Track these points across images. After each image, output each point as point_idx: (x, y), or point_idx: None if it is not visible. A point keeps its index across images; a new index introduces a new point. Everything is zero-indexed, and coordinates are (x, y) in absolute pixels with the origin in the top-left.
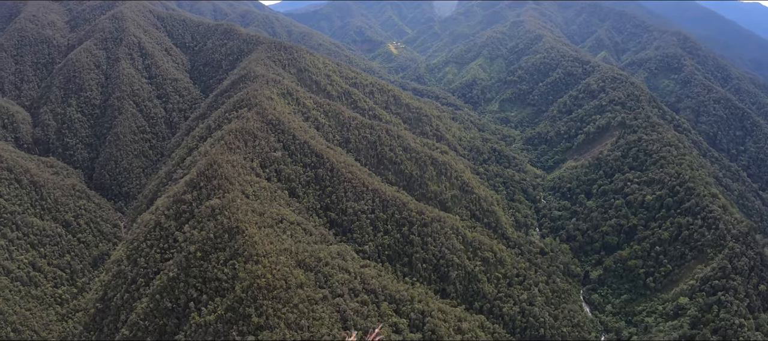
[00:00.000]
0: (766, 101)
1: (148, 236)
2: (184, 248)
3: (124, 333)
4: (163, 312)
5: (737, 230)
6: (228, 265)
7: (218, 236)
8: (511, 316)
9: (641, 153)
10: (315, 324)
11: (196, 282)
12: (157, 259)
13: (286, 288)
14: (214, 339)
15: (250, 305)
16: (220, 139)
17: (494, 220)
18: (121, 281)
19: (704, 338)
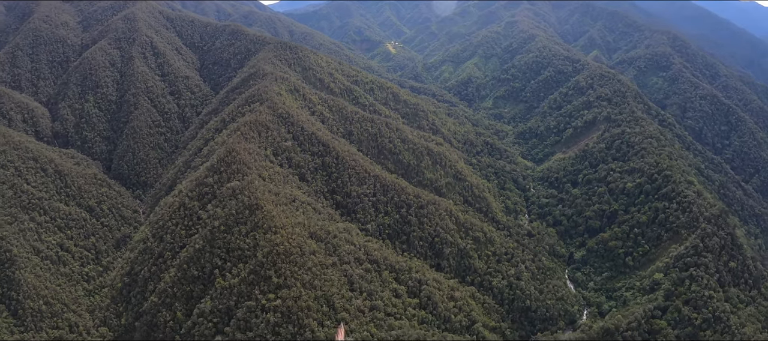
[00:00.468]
0: (753, 97)
1: (172, 216)
2: (209, 224)
3: (154, 301)
4: (189, 280)
5: (710, 212)
6: (249, 236)
7: (239, 213)
8: (500, 289)
9: (624, 145)
10: (326, 284)
11: (220, 252)
12: (183, 235)
13: (301, 254)
14: (238, 299)
15: (270, 268)
16: (237, 130)
17: (485, 205)
18: (147, 256)
19: (676, 308)
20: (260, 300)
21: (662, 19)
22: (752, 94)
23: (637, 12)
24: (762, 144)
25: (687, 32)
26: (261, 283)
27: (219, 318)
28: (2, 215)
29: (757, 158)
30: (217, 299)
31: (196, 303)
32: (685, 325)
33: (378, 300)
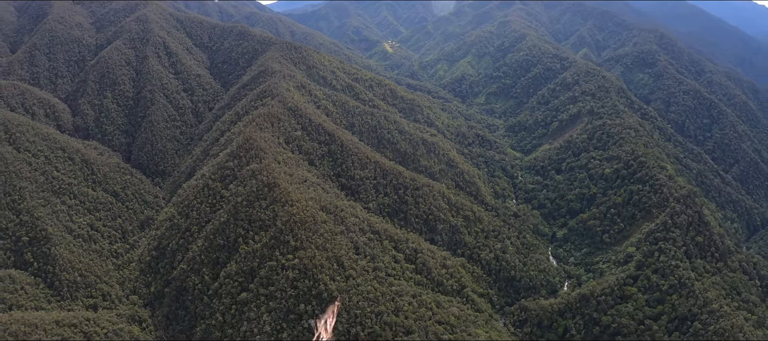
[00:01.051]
0: (737, 92)
1: (197, 196)
2: (232, 200)
3: (183, 268)
4: (216, 248)
5: (679, 193)
6: (268, 209)
7: (259, 190)
8: (488, 261)
9: (604, 135)
10: (335, 248)
11: (243, 223)
12: (207, 211)
13: (314, 223)
14: (261, 260)
15: (288, 234)
16: (252, 121)
17: (475, 190)
18: (174, 231)
19: (646, 277)
20: (280, 260)
21: (654, 18)
22: (737, 89)
23: (630, 11)
24: (743, 136)
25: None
26: (281, 246)
27: (243, 278)
28: (36, 198)
29: (737, 149)
30: (242, 262)
31: (222, 268)
32: (653, 291)
33: (380, 262)
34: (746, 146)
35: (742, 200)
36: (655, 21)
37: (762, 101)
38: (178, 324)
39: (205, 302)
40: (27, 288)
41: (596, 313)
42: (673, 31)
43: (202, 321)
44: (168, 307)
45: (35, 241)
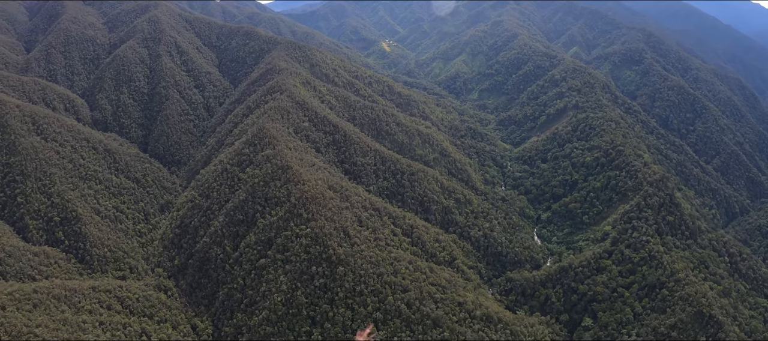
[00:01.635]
0: (722, 88)
1: (216, 179)
2: (249, 181)
3: (206, 241)
4: (236, 223)
5: (652, 178)
6: (283, 187)
7: (274, 172)
8: (477, 238)
9: (587, 127)
10: (342, 220)
11: (260, 200)
12: (226, 192)
13: (323, 199)
14: (277, 231)
15: (301, 208)
16: (264, 113)
17: (466, 176)
18: (196, 211)
19: (620, 251)
20: (294, 230)
21: (648, 17)
22: (722, 85)
23: (624, 10)
24: (725, 130)
25: (672, 29)
26: (294, 219)
27: (262, 247)
28: (65, 183)
29: (719, 141)
30: (260, 233)
31: (242, 239)
32: (625, 263)
33: (380, 234)
34: (728, 139)
35: (720, 189)
36: (648, 20)
37: (748, 97)
38: (201, 291)
39: (226, 269)
40: (60, 262)
41: (574, 283)
42: (666, 30)
43: (224, 286)
44: (192, 276)
45: (66, 221)
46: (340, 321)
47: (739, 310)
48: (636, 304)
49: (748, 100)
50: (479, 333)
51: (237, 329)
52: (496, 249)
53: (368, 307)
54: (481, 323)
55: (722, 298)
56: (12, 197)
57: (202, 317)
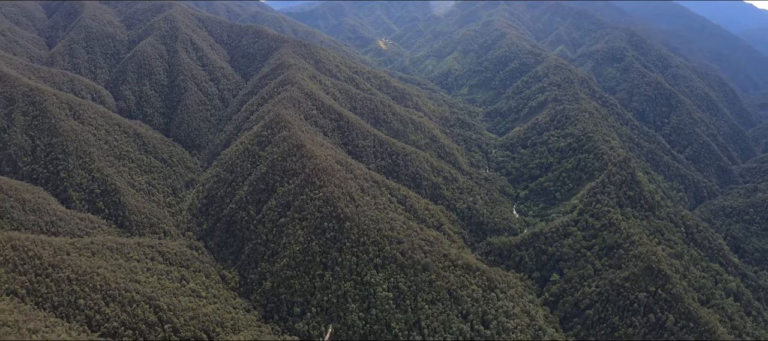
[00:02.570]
0: (700, 84)
1: (239, 156)
2: (268, 157)
3: (232, 207)
4: (258, 191)
5: (616, 160)
6: (298, 161)
7: (290, 149)
8: (461, 210)
9: (563, 117)
10: (347, 186)
11: (278, 172)
12: (248, 167)
13: (332, 170)
14: (294, 196)
15: (314, 177)
16: (278, 103)
17: (454, 159)
18: (221, 183)
19: (584, 220)
20: (309, 194)
21: (636, 16)
22: (701, 82)
23: (613, 10)
24: (698, 122)
25: (660, 28)
26: (308, 186)
27: (281, 209)
28: (103, 160)
29: (692, 133)
30: (280, 198)
31: (264, 204)
32: (588, 229)
33: (379, 200)
34: (700, 131)
35: (690, 175)
36: (636, 20)
37: (727, 93)
38: (228, 249)
39: (251, 229)
40: (102, 226)
41: (544, 245)
42: (653, 29)
43: (249, 242)
44: (219, 237)
45: (106, 193)
46: (347, 265)
47: (690, 270)
48: (596, 262)
49: (727, 96)
50: (460, 277)
51: (261, 275)
52: (479, 219)
53: (370, 254)
54: (462, 270)
55: (674, 259)
56: (55, 173)
57: (230, 269)
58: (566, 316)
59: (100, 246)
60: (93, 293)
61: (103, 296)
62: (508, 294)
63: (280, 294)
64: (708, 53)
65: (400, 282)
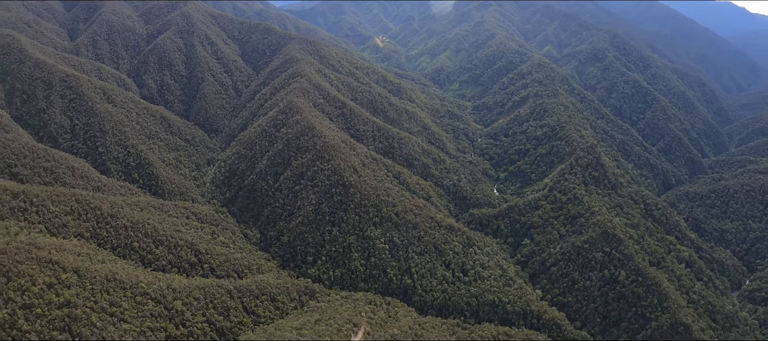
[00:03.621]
0: (677, 83)
1: (258, 136)
2: (284, 137)
3: (252, 178)
4: (275, 164)
5: (584, 145)
6: (309, 140)
7: (302, 130)
8: (448, 186)
9: (542, 110)
10: (351, 160)
11: (293, 149)
12: (266, 145)
13: (338, 147)
14: (307, 167)
15: (324, 152)
16: (289, 92)
17: (442, 144)
18: (242, 159)
19: (553, 195)
20: (319, 166)
21: (623, 19)
22: (679, 81)
23: (600, 12)
24: (672, 118)
25: (646, 30)
26: (319, 160)
27: (296, 178)
28: (136, 139)
29: (665, 127)
30: (294, 170)
31: (281, 175)
32: (556, 202)
33: (377, 173)
34: (674, 126)
35: (659, 164)
36: (623, 22)
37: (706, 93)
38: (249, 213)
39: (270, 195)
40: (139, 193)
41: (518, 216)
42: (639, 31)
43: (268, 206)
44: (241, 203)
45: (140, 166)
46: (351, 223)
47: (645, 239)
48: (561, 228)
49: (706, 95)
50: (444, 235)
51: (279, 232)
52: (462, 195)
53: (369, 214)
54: (445, 229)
55: (630, 229)
56: (93, 148)
57: (251, 228)
58: (535, 273)
59: (145, 204)
60: (145, 237)
61: (153, 240)
62: (484, 251)
63: (296, 246)
64: (693, 55)
65: (395, 237)
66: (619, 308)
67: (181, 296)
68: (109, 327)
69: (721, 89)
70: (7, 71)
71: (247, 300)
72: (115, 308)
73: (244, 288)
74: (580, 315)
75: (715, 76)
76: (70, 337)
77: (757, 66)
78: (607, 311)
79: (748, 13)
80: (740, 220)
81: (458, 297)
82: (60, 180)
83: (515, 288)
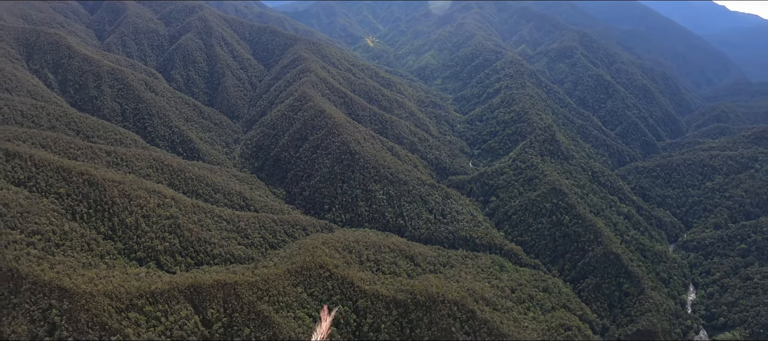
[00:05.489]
0: (639, 77)
1: (278, 119)
2: (301, 118)
3: (277, 150)
4: (295, 139)
5: (542, 125)
6: (322, 120)
7: (316, 114)
8: (431, 159)
9: (510, 99)
10: (356, 135)
11: (309, 127)
12: (286, 125)
13: (345, 125)
14: (322, 142)
15: (334, 129)
16: (301, 84)
17: (426, 127)
18: (266, 136)
19: (516, 164)
20: (331, 139)
21: (598, 19)
22: (642, 75)
23: (576, 12)
24: (630, 107)
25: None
26: (330, 135)
27: (312, 149)
28: (177, 121)
29: (623, 115)
30: (310, 143)
31: (300, 147)
32: (517, 170)
33: (375, 145)
34: (631, 113)
35: (614, 145)
36: (597, 22)
37: (670, 86)
38: (275, 177)
39: (292, 162)
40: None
41: (487, 180)
42: (614, 30)
43: (291, 171)
44: (268, 170)
45: (183, 142)
46: (357, 180)
47: (589, 196)
48: (520, 188)
49: (669, 88)
50: (428, 190)
51: (301, 189)
52: (443, 166)
53: (371, 173)
54: (429, 186)
55: (576, 188)
56: (143, 128)
57: (278, 188)
58: (499, 221)
59: (200, 166)
60: (206, 186)
61: (212, 189)
62: (459, 202)
63: (315, 198)
64: (666, 52)
65: (390, 191)
66: (563, 243)
67: (243, 220)
68: (200, 230)
69: (692, 83)
70: (58, 65)
71: (287, 228)
72: (201, 222)
73: (283, 220)
74: (534, 248)
75: (687, 71)
76: (176, 236)
77: (728, 61)
78: (554, 246)
79: (728, 12)
80: (681, 188)
81: (439, 232)
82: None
83: (483, 228)
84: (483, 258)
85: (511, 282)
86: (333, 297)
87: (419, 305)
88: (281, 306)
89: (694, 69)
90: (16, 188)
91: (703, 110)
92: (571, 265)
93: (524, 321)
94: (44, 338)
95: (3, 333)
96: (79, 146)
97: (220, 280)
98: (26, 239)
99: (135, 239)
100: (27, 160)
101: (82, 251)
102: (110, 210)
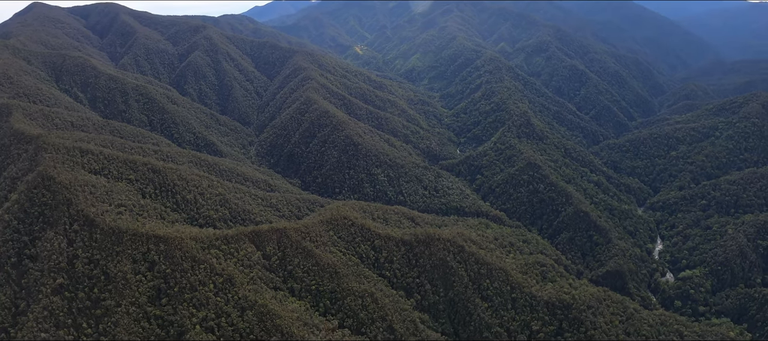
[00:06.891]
0: (612, 65)
1: (288, 121)
2: (308, 119)
3: (290, 147)
4: (306, 135)
5: (519, 111)
6: (327, 120)
7: (321, 114)
8: (422, 148)
9: (490, 92)
10: (358, 130)
11: (316, 126)
12: (295, 126)
13: (347, 122)
14: (328, 136)
15: (338, 126)
16: (305, 91)
17: (416, 122)
18: (278, 136)
19: (497, 147)
20: (337, 135)
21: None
22: (614, 63)
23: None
24: (603, 92)
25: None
26: (335, 131)
27: (321, 144)
28: (199, 127)
29: (596, 100)
30: (319, 138)
31: (311, 142)
32: (499, 151)
33: (374, 138)
34: (604, 98)
35: (589, 127)
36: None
37: (643, 71)
38: (290, 170)
39: (304, 156)
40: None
41: (472, 162)
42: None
43: (303, 163)
44: (283, 165)
45: (207, 146)
46: (361, 166)
47: (562, 169)
48: (501, 165)
49: (643, 73)
50: (422, 170)
51: (314, 177)
52: (434, 153)
53: (372, 160)
54: (422, 168)
55: (550, 162)
56: (169, 134)
57: (293, 179)
58: (484, 194)
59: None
60: (238, 176)
61: (243, 178)
62: (449, 180)
63: (327, 183)
64: (640, 39)
65: (390, 173)
66: (540, 208)
67: (273, 198)
68: (244, 204)
69: (667, 66)
70: (86, 84)
71: (308, 204)
72: (243, 199)
73: (305, 199)
74: (515, 213)
75: (662, 55)
76: (226, 209)
77: (703, 44)
78: (532, 210)
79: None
80: (649, 159)
81: (433, 204)
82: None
83: (471, 199)
84: (471, 221)
85: (495, 235)
86: (355, 238)
87: (421, 242)
88: (319, 243)
89: (669, 53)
90: (95, 177)
91: (674, 90)
92: (547, 225)
93: (506, 259)
94: (146, 273)
95: (110, 271)
96: (130, 146)
97: (274, 226)
98: (115, 209)
99: (195, 210)
100: (98, 155)
101: (158, 219)
102: (172, 190)
